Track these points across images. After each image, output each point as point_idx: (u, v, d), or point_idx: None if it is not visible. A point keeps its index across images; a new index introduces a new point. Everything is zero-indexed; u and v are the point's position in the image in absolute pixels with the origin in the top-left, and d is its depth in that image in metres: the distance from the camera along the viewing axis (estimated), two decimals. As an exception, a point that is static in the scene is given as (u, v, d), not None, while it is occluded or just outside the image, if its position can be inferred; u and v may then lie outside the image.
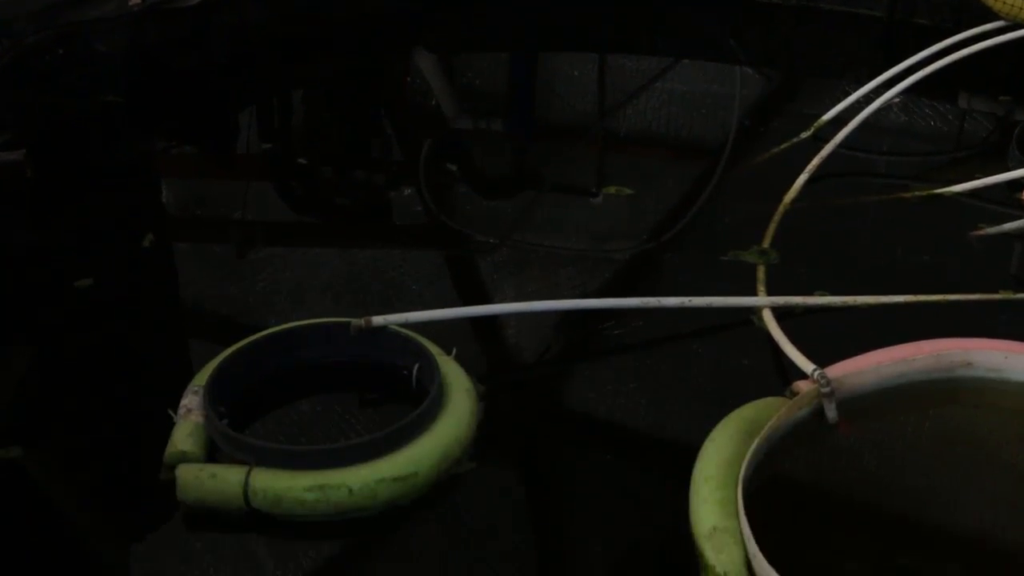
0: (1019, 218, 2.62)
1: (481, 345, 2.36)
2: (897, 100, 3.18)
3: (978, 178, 2.77)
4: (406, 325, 2.19)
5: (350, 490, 1.90)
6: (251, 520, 1.92)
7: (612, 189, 2.94)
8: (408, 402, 2.06)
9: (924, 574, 1.81)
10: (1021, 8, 3.12)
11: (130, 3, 3.24)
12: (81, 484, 2.11)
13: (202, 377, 2.11)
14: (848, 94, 3.12)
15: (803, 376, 2.07)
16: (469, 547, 1.90)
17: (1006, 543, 1.82)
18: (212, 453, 2.01)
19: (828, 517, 1.91)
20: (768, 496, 1.88)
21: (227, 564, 1.87)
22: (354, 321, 2.18)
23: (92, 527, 2.06)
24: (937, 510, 1.89)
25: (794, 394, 2.04)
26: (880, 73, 3.14)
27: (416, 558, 1.88)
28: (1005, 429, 2.03)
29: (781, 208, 2.69)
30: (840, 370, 2.05)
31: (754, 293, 2.38)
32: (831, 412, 2.00)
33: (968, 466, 1.96)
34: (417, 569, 1.85)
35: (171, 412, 2.06)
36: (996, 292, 2.37)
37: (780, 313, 2.29)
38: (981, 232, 2.61)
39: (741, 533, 1.76)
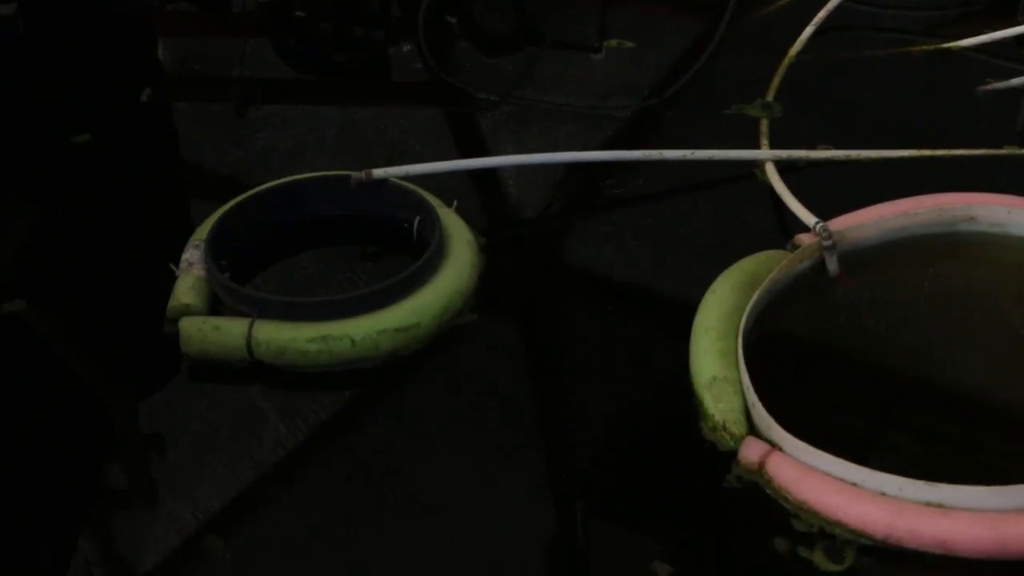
0: (1027, 73, 2.58)
1: (482, 199, 2.35)
2: (907, -47, 3.11)
3: (987, 33, 2.72)
4: (406, 178, 2.18)
5: (352, 341, 1.91)
6: (254, 372, 1.93)
7: (613, 42, 2.90)
8: (409, 254, 2.06)
9: (920, 430, 1.82)
10: None
11: None
12: (84, 338, 2.13)
13: (203, 231, 2.11)
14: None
15: (805, 230, 2.06)
16: (470, 399, 1.91)
17: (1003, 401, 1.83)
18: (215, 306, 2.02)
19: (827, 371, 1.92)
20: (768, 348, 1.89)
21: (231, 416, 1.89)
22: (354, 174, 2.17)
23: (95, 380, 2.07)
24: (935, 367, 1.89)
25: (796, 247, 2.04)
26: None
27: (417, 409, 1.90)
28: (1006, 285, 2.03)
29: (786, 61, 2.65)
30: (842, 223, 2.05)
31: (757, 147, 2.36)
32: (832, 265, 2.00)
33: (968, 323, 1.96)
34: (418, 420, 1.87)
35: (172, 266, 2.07)
36: (1001, 147, 2.35)
37: (783, 167, 2.28)
38: (988, 87, 2.58)
39: (740, 383, 1.77)
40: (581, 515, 1.74)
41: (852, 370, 1.92)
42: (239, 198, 2.17)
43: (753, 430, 1.73)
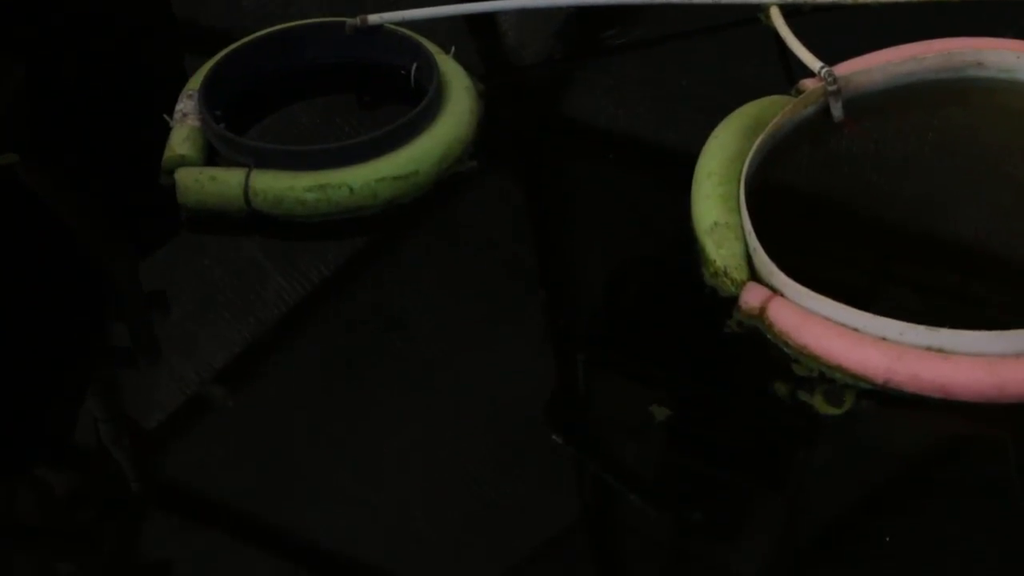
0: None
1: (480, 46, 2.30)
2: None
3: None
4: (403, 24, 2.13)
5: (351, 189, 1.89)
6: (252, 224, 1.92)
7: None
8: (407, 102, 2.02)
9: (921, 281, 1.81)
10: None
11: None
12: (79, 190, 2.11)
13: (196, 81, 2.07)
14: None
15: (811, 75, 2.02)
16: (471, 251, 1.90)
17: (1005, 254, 1.81)
18: (211, 157, 1.99)
19: (828, 220, 1.90)
20: (770, 194, 1.86)
21: (231, 272, 1.88)
22: (349, 20, 2.12)
23: (92, 234, 2.06)
24: (937, 218, 1.87)
25: (800, 92, 2.00)
26: None
27: (417, 262, 1.89)
28: (1013, 134, 1.99)
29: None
30: (848, 68, 2.01)
31: (762, -9, 2.30)
32: (837, 110, 1.96)
33: (972, 174, 1.93)
34: (418, 273, 1.87)
35: (167, 117, 2.04)
36: (1013, -10, 2.29)
37: (788, 11, 2.22)
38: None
39: (742, 228, 1.75)
40: (583, 367, 1.74)
41: (854, 219, 1.90)
42: (231, 47, 2.13)
43: (754, 275, 1.72)
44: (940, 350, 1.56)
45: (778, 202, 1.88)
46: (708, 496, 1.55)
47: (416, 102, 1.97)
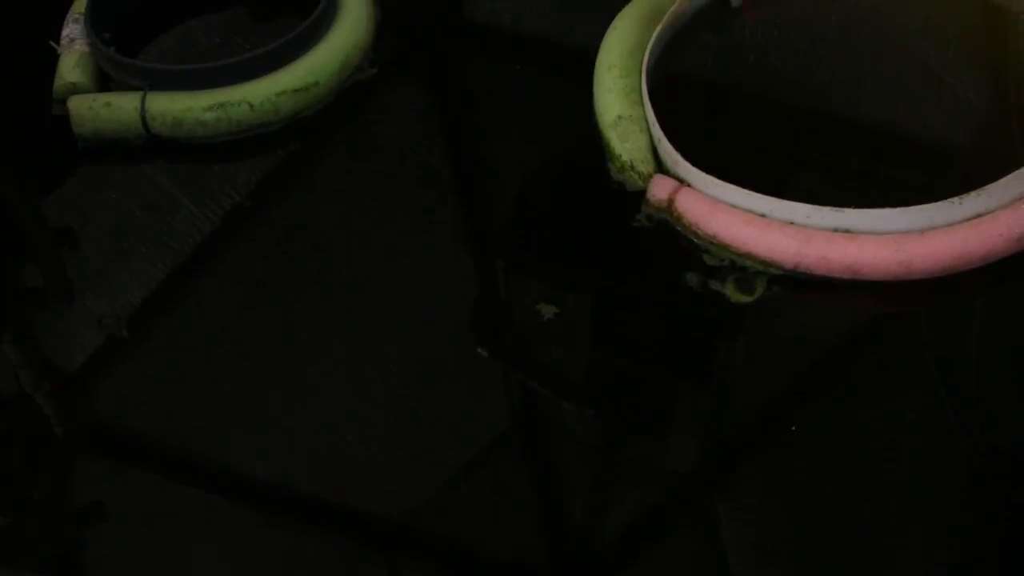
0: None
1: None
2: None
3: None
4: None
5: (251, 106, 1.85)
6: (152, 148, 1.87)
7: None
8: (303, 13, 1.96)
9: (828, 167, 1.81)
10: None
11: None
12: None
13: (81, 4, 2.00)
14: None
15: (705, -41, 2.00)
16: (380, 163, 1.88)
17: (911, 135, 1.82)
18: (104, 83, 1.93)
19: (732, 108, 1.89)
20: (673, 85, 1.86)
21: (140, 204, 1.84)
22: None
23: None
24: (842, 104, 1.86)
25: (694, -22, 1.98)
26: None
27: (326, 176, 1.87)
28: (916, 15, 1.97)
29: None
30: (742, -50, 1.99)
31: None
32: (735, -6, 1.95)
33: (877, 57, 1.91)
34: (331, 191, 1.84)
35: (53, 44, 1.96)
36: None
37: None
38: None
39: (646, 120, 1.74)
40: (502, 275, 1.75)
41: (757, 106, 1.89)
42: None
43: (661, 168, 1.72)
44: (847, 231, 1.58)
45: (681, 92, 1.88)
46: (634, 396, 1.58)
47: (311, 10, 1.92)
